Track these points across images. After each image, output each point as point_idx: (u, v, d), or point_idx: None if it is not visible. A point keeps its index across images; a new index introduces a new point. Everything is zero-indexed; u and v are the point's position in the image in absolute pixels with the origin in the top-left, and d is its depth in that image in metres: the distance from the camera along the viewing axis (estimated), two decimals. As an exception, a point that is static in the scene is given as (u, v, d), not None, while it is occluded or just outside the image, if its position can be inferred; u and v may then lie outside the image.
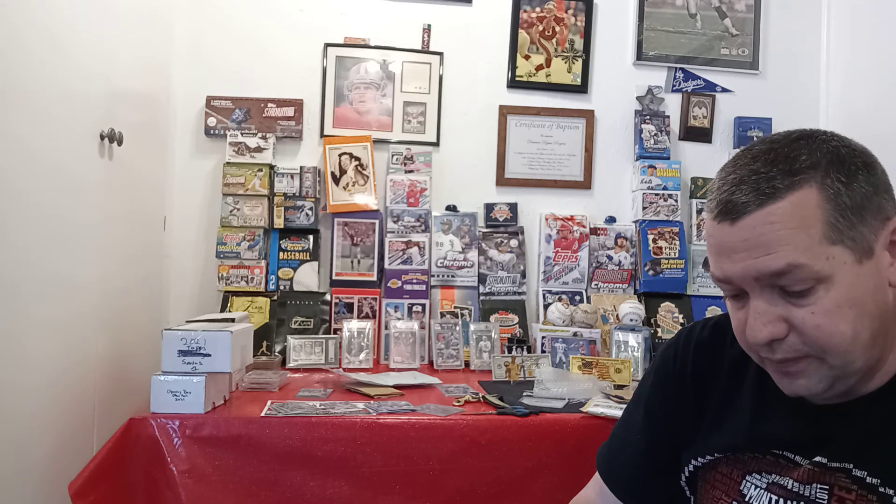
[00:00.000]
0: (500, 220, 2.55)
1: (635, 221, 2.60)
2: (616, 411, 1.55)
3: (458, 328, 2.28)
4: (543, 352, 2.18)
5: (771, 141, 0.77)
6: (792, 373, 0.76)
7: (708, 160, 2.66)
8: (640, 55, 2.65)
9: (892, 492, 0.72)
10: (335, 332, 2.29)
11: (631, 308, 2.31)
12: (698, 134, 2.68)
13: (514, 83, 2.61)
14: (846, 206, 0.72)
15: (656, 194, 2.56)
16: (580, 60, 2.63)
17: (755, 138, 2.65)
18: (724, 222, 0.74)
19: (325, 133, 2.51)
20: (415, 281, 2.41)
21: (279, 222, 2.40)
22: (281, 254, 2.41)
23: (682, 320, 2.47)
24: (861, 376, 0.76)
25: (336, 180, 2.44)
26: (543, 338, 2.21)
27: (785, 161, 0.73)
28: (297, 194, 2.42)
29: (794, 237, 0.71)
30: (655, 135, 2.61)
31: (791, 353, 0.75)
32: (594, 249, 2.56)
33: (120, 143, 1.80)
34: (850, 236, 0.72)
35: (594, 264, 2.55)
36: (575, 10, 2.63)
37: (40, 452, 1.48)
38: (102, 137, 1.73)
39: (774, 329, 0.74)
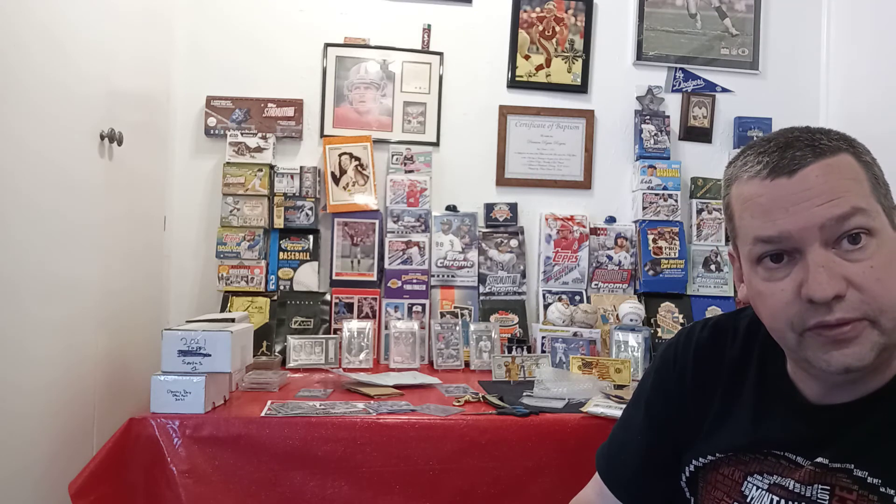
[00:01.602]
0: (500, 220, 2.55)
1: (635, 221, 2.60)
2: (616, 411, 1.55)
3: (458, 328, 2.28)
4: (543, 352, 2.18)
5: (789, 128, 0.81)
6: (847, 339, 0.73)
7: (708, 160, 2.67)
8: (640, 55, 2.65)
9: (892, 492, 0.72)
10: (335, 332, 2.29)
11: (631, 308, 2.31)
12: (698, 134, 2.68)
13: (514, 83, 2.61)
14: (877, 176, 0.77)
15: (656, 194, 2.56)
16: (580, 60, 2.63)
17: (755, 138, 2.65)
18: (780, 177, 0.75)
19: (325, 133, 2.51)
20: (415, 281, 2.41)
21: (279, 222, 2.40)
22: (281, 254, 2.41)
23: (682, 320, 2.47)
24: (889, 354, 0.75)
25: (336, 180, 2.44)
26: (543, 338, 2.21)
27: (819, 133, 0.78)
28: (297, 194, 2.42)
29: (853, 186, 0.74)
30: (655, 135, 2.61)
31: (850, 311, 0.72)
32: (594, 249, 2.56)
33: (120, 143, 1.80)
34: (883, 203, 0.76)
35: (594, 264, 2.55)
36: (575, 10, 2.63)
37: (40, 452, 1.48)
38: (102, 137, 1.73)
39: (838, 285, 0.72)
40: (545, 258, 2.54)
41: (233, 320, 1.82)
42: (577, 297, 2.50)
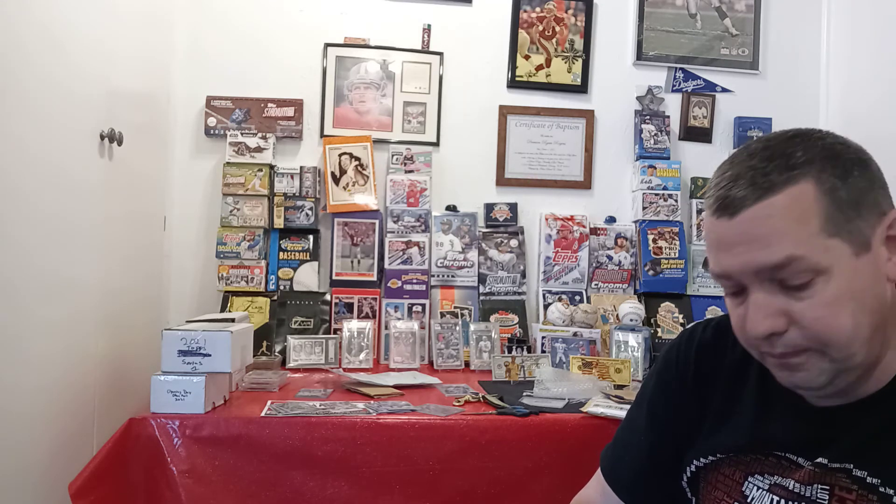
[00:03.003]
0: (500, 220, 2.55)
1: (635, 221, 2.60)
2: (616, 411, 1.56)
3: (458, 328, 2.28)
4: (543, 352, 2.18)
5: (767, 139, 0.78)
6: (792, 365, 0.76)
7: (708, 160, 2.66)
8: (640, 55, 2.65)
9: (892, 492, 0.72)
10: (335, 332, 2.29)
11: (631, 308, 2.31)
12: (698, 134, 2.68)
13: (514, 83, 2.61)
14: (842, 199, 0.72)
15: (656, 194, 2.56)
16: (580, 60, 2.63)
17: (755, 138, 2.65)
18: (723, 217, 0.75)
19: (325, 133, 2.51)
20: (415, 281, 2.41)
21: (279, 222, 2.40)
22: (281, 254, 2.41)
23: (682, 320, 2.47)
24: (861, 373, 0.76)
25: (336, 180, 2.44)
26: (543, 338, 2.21)
27: (781, 157, 0.74)
28: (297, 194, 2.42)
29: (792, 229, 0.71)
30: (655, 135, 2.61)
31: (791, 347, 0.74)
32: (594, 249, 2.56)
33: (120, 143, 1.80)
34: (848, 230, 0.72)
35: (594, 264, 2.55)
36: (575, 10, 2.63)
37: (40, 452, 1.48)
38: (102, 137, 1.73)
39: (774, 322, 0.73)
40: (545, 258, 2.54)
41: (233, 320, 1.82)
42: (577, 297, 2.50)
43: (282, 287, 2.39)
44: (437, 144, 2.57)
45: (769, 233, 0.72)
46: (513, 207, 2.56)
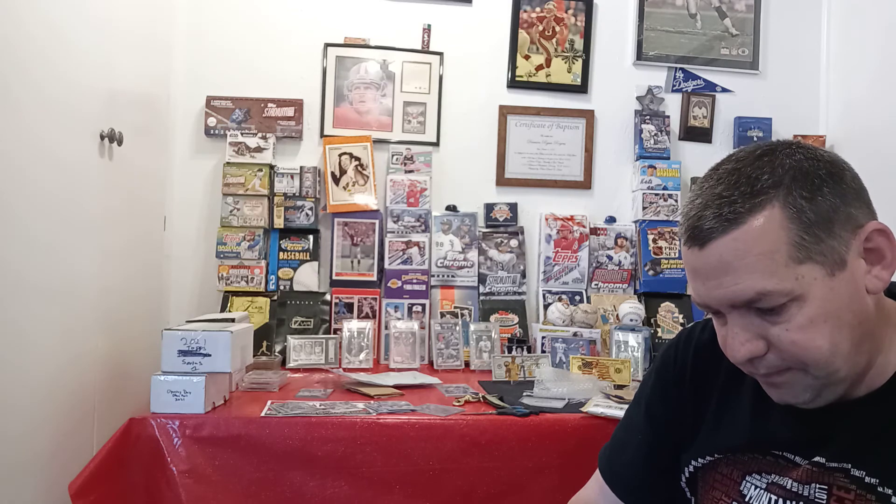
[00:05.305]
0: (500, 220, 2.55)
1: (635, 221, 2.60)
2: (616, 411, 1.56)
3: (458, 328, 2.28)
4: (543, 352, 2.18)
5: (737, 159, 0.77)
6: (777, 384, 0.77)
7: (708, 160, 2.58)
8: (640, 55, 2.65)
9: (890, 491, 0.72)
10: (335, 332, 2.29)
11: (631, 308, 2.31)
12: (698, 134, 2.68)
13: (514, 83, 2.61)
14: (811, 221, 0.71)
15: (656, 194, 2.56)
16: (580, 60, 2.63)
17: (755, 139, 2.65)
18: (694, 247, 0.75)
19: (325, 133, 2.51)
20: (415, 281, 2.41)
21: (279, 222, 2.40)
22: (281, 254, 2.42)
23: (682, 320, 2.47)
24: (850, 382, 0.76)
25: (336, 180, 2.44)
26: (543, 338, 2.21)
27: (747, 182, 0.73)
28: (297, 194, 2.42)
29: (760, 264, 0.71)
30: (655, 135, 2.61)
31: (772, 368, 0.76)
32: (594, 249, 2.56)
33: (120, 143, 1.80)
34: (819, 251, 0.71)
35: (594, 264, 2.55)
36: (575, 10, 2.63)
37: (40, 452, 1.48)
38: (102, 137, 1.73)
39: (752, 347, 0.75)
40: (545, 258, 2.54)
41: (233, 320, 1.82)
42: (577, 297, 2.50)
43: (282, 287, 2.39)
44: (437, 144, 2.57)
45: (738, 268, 0.72)
46: (513, 207, 2.56)
